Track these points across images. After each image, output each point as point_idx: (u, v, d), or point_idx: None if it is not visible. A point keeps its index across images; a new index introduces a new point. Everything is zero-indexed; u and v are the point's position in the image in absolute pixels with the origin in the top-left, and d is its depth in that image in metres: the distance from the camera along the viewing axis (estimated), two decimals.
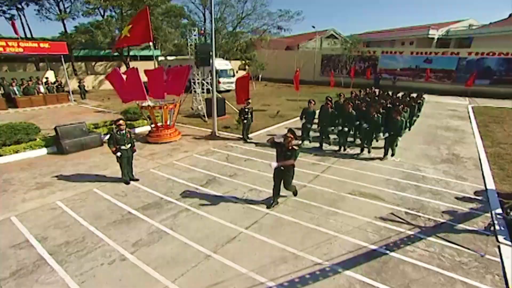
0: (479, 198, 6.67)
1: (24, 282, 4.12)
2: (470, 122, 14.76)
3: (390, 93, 15.09)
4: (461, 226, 5.55)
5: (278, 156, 5.73)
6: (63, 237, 5.13)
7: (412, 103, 12.19)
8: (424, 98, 14.47)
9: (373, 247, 4.89)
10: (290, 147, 5.56)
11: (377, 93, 15.07)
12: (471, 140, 11.37)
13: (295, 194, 6.58)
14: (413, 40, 37.77)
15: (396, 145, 9.14)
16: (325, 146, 10.22)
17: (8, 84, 17.27)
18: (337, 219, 5.72)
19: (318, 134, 10.24)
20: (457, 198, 6.65)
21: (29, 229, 5.36)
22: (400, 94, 14.96)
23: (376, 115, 9.03)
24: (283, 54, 36.73)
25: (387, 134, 8.95)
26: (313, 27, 34.58)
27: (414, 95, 13.75)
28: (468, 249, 4.85)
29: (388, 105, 11.17)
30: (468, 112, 17.36)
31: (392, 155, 9.17)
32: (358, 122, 9.58)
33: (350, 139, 10.48)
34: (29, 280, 4.15)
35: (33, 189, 6.97)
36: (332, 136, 10.60)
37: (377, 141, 10.21)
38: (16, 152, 8.96)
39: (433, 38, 36.17)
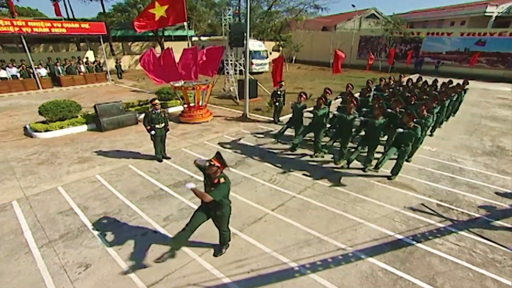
0: None
1: (70, 245, 4.56)
2: None
3: (416, 81, 12.34)
4: (498, 223, 5.25)
5: (205, 186, 4.01)
6: (102, 208, 5.54)
7: (449, 93, 9.77)
8: (467, 88, 12.08)
9: (400, 236, 4.80)
10: (215, 180, 3.79)
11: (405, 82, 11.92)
12: None
13: (221, 247, 4.44)
14: (466, 19, 34.40)
15: (403, 163, 6.73)
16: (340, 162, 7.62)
17: (53, 64, 18.34)
18: (364, 207, 5.65)
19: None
20: (497, 193, 6.26)
21: (73, 199, 5.84)
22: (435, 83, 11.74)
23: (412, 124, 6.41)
24: (319, 35, 35.22)
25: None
26: (353, 5, 32.42)
27: (454, 83, 11.56)
28: (505, 247, 4.60)
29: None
30: None
31: (393, 174, 6.79)
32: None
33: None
34: (75, 243, 4.59)
35: (75, 163, 7.51)
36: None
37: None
38: (61, 128, 9.64)
39: (490, 16, 32.20)
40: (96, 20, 26.60)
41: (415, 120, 6.47)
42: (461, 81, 12.02)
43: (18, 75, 16.64)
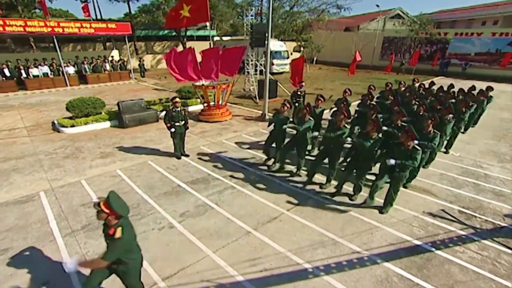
0: None
1: (91, 235, 4.75)
2: None
3: (429, 86, 10.60)
4: None
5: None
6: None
7: (468, 102, 7.94)
8: (491, 96, 10.19)
9: (417, 242, 4.67)
10: (111, 231, 2.92)
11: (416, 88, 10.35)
12: None
13: None
14: (499, 18, 32.83)
15: (396, 194, 5.40)
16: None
17: (81, 63, 19.09)
18: None
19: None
20: None
21: (94, 192, 6.06)
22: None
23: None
24: (341, 35, 34.70)
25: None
26: (377, 6, 31.87)
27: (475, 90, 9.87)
28: None
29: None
30: None
31: (385, 206, 5.48)
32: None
33: None
34: (95, 234, 4.76)
35: (98, 158, 7.79)
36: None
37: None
38: (86, 124, 10.01)
39: None
40: (122, 21, 27.47)
41: (415, 140, 4.94)
42: (485, 86, 10.22)
43: (49, 72, 17.48)
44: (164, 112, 7.84)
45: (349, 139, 5.75)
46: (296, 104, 10.53)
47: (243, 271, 4.05)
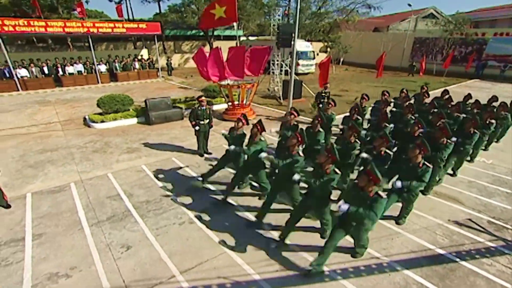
0: None
1: (115, 226, 4.98)
2: None
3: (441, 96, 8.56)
4: None
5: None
6: (144, 196, 5.92)
7: (485, 118, 6.90)
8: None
9: (441, 251, 4.48)
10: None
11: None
12: None
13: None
14: None
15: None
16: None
17: (112, 61, 19.94)
18: None
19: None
20: None
21: (120, 185, 6.33)
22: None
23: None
24: (369, 36, 33.66)
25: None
26: (409, 5, 30.54)
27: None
28: None
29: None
30: None
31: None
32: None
33: None
34: (119, 225, 5.00)
35: (124, 153, 8.11)
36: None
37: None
38: (114, 120, 10.46)
39: None
40: (153, 20, 28.33)
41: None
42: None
43: (83, 70, 18.40)
44: (189, 110, 8.02)
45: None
46: (320, 105, 10.42)
47: (260, 270, 4.07)
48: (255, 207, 5.51)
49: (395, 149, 6.12)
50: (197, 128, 7.46)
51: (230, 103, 11.48)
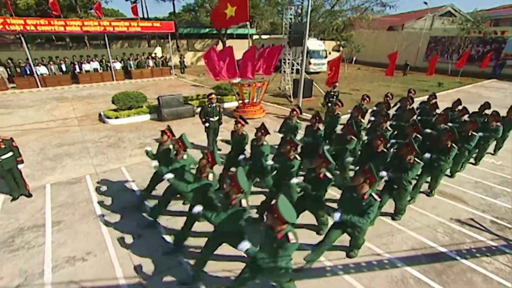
0: None
1: (128, 216, 5.29)
2: None
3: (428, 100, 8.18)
4: None
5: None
6: (155, 189, 6.18)
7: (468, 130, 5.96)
8: None
9: (441, 248, 4.58)
10: None
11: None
12: None
13: None
14: None
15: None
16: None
17: (127, 59, 20.49)
18: (406, 213, 5.40)
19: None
20: None
21: (133, 178, 6.64)
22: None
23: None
24: (383, 35, 33.16)
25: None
26: (425, 3, 29.88)
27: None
28: None
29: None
30: None
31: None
32: None
33: None
34: (132, 216, 5.32)
35: (137, 148, 8.44)
36: None
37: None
38: (128, 116, 10.83)
39: None
40: (167, 19, 28.83)
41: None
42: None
43: (98, 68, 18.98)
44: (200, 108, 8.25)
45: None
46: (329, 104, 10.51)
47: None
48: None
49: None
50: (207, 125, 7.68)
51: (240, 101, 11.70)
